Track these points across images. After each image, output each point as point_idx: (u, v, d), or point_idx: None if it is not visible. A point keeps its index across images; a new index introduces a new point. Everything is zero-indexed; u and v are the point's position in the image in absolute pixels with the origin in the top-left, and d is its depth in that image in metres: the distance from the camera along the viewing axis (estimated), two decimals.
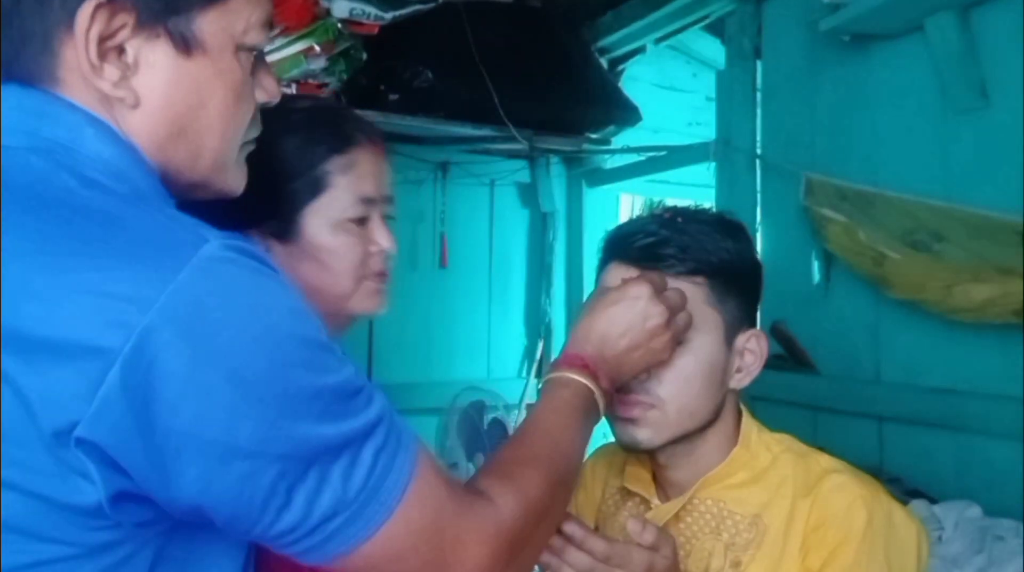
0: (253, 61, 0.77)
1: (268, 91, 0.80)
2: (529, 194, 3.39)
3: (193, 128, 0.73)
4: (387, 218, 1.05)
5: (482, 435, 2.55)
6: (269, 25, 0.78)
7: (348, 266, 0.99)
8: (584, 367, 0.89)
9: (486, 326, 3.24)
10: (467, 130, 2.80)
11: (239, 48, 0.74)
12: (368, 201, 1.00)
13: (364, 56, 2.55)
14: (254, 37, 0.75)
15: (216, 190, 0.79)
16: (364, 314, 1.04)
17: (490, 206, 3.30)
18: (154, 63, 0.70)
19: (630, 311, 0.90)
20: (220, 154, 0.76)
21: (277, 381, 0.63)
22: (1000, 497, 1.70)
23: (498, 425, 2.56)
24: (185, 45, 0.71)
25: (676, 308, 0.92)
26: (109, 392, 0.57)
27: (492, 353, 3.24)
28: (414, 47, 2.63)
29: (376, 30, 2.49)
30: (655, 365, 0.94)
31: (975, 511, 1.67)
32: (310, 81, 2.42)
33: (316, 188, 0.98)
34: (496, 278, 3.29)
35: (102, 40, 0.67)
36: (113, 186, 0.66)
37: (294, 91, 2.39)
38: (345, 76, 2.50)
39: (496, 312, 3.27)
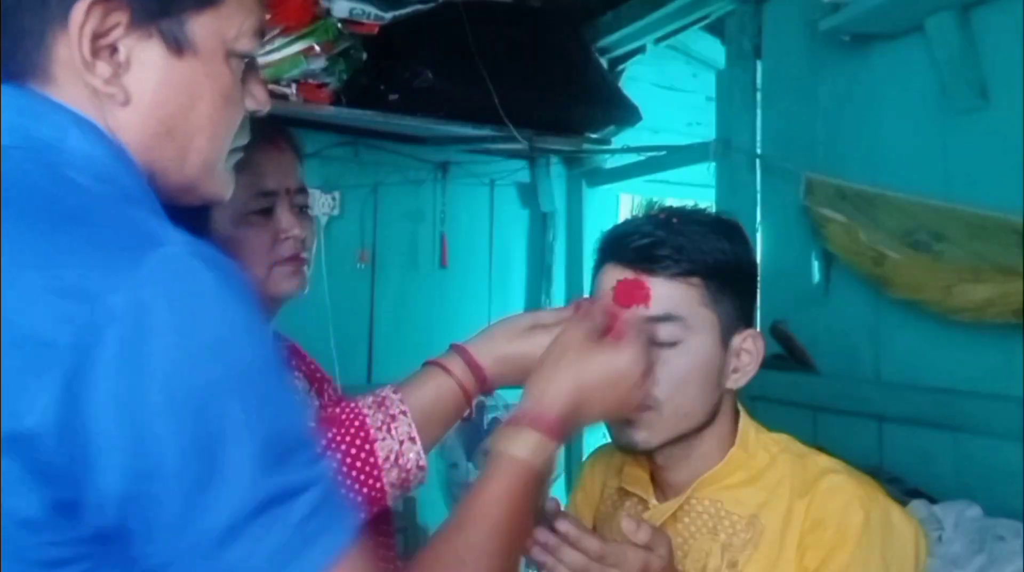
0: (244, 69, 0.77)
1: (258, 100, 0.81)
2: (529, 194, 3.39)
3: (181, 128, 0.73)
4: (300, 207, 1.14)
5: (482, 435, 2.55)
6: (261, 34, 0.79)
7: (256, 254, 1.08)
8: (551, 431, 0.85)
9: (486, 326, 3.23)
10: (467, 130, 2.80)
11: (230, 53, 0.75)
12: (268, 194, 1.08)
13: (364, 56, 2.55)
14: (245, 44, 0.76)
15: (203, 195, 0.79)
16: (284, 296, 1.12)
17: (490, 206, 3.29)
18: (146, 62, 0.71)
19: (626, 378, 0.88)
20: (207, 157, 0.76)
21: (215, 396, 0.58)
22: (1000, 497, 1.70)
23: (498, 425, 2.56)
24: (177, 46, 0.71)
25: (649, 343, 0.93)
26: (49, 387, 0.56)
27: None
28: (414, 47, 2.63)
29: (376, 30, 2.49)
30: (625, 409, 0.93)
31: (975, 511, 1.67)
32: (310, 81, 2.42)
33: None
34: (496, 278, 3.28)
35: (96, 37, 0.68)
36: (91, 185, 0.66)
37: (294, 91, 2.39)
38: (345, 76, 2.49)
39: (496, 312, 3.26)
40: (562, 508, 0.86)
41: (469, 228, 3.24)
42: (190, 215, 1.07)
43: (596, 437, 1.01)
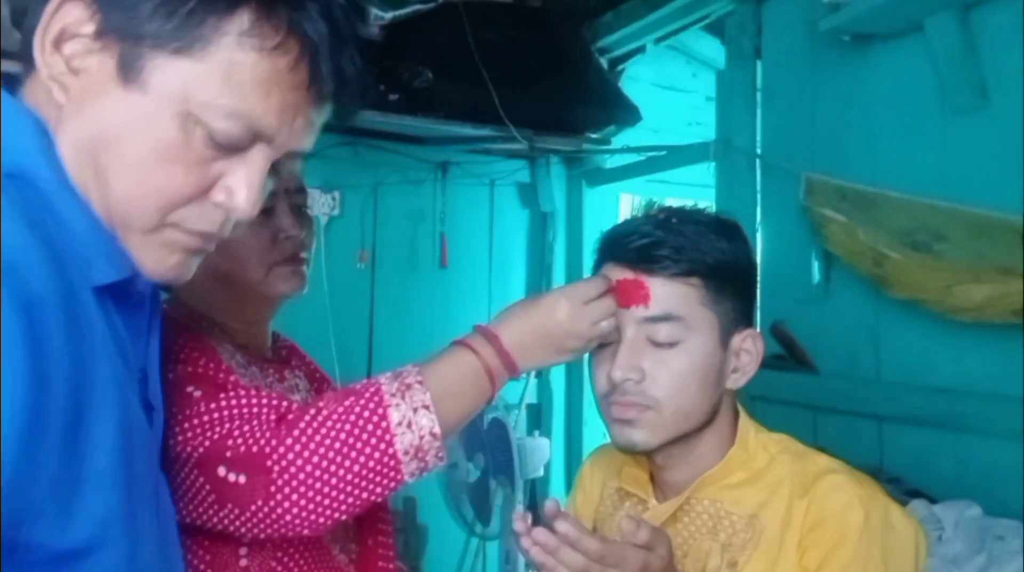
0: (224, 151, 0.70)
1: (232, 197, 0.72)
2: (529, 194, 3.39)
3: (102, 160, 0.68)
4: (299, 207, 1.13)
5: (482, 435, 2.55)
6: (256, 133, 0.70)
7: (255, 254, 1.07)
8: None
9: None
10: (467, 130, 2.80)
11: (188, 116, 0.68)
12: (269, 194, 1.04)
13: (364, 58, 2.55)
14: (217, 121, 0.68)
15: (136, 257, 0.72)
16: (282, 296, 1.12)
17: (490, 206, 3.29)
18: (94, 74, 0.68)
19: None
20: (128, 207, 0.69)
21: None
22: (1000, 497, 1.69)
23: (498, 425, 2.56)
24: (126, 74, 0.67)
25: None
26: None
27: None
28: (414, 47, 2.63)
29: (376, 30, 2.49)
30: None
31: (975, 511, 1.67)
32: None
33: None
34: (496, 278, 3.28)
35: (63, 33, 0.67)
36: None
37: None
38: None
39: (496, 312, 3.26)
40: (562, 509, 0.86)
41: (469, 228, 3.24)
42: None
43: (596, 438, 1.01)
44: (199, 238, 0.74)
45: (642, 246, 0.97)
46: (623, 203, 3.51)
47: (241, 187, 0.72)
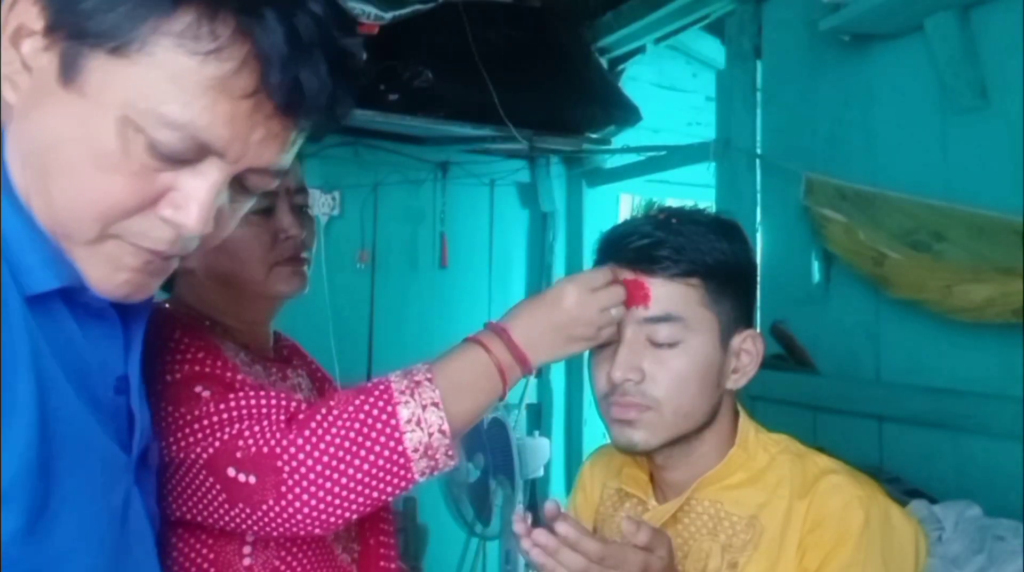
0: (170, 162, 0.66)
1: (177, 211, 0.67)
2: (529, 194, 3.39)
3: (42, 165, 0.66)
4: (300, 207, 1.12)
5: (482, 435, 2.55)
6: (201, 146, 0.66)
7: (255, 254, 1.07)
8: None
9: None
10: (467, 130, 2.80)
11: (127, 122, 0.64)
12: (269, 194, 1.04)
13: (364, 56, 2.55)
14: (156, 130, 0.64)
15: (80, 266, 0.69)
16: (283, 296, 1.12)
17: (490, 206, 3.29)
18: (39, 74, 0.65)
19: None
20: (67, 218, 0.66)
21: None
22: (1000, 497, 1.69)
23: (498, 425, 2.56)
24: (66, 74, 0.64)
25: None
26: None
27: None
28: (414, 47, 2.63)
29: (376, 30, 2.49)
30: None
31: (975, 511, 1.67)
32: None
33: None
34: (496, 278, 3.28)
35: (21, 28, 0.65)
36: None
37: None
38: None
39: (496, 312, 3.25)
40: (562, 510, 0.86)
41: (469, 228, 3.24)
42: None
43: (596, 438, 1.01)
44: (148, 254, 0.69)
45: (642, 246, 0.97)
46: (623, 203, 3.51)
47: (189, 202, 0.67)
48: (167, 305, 1.10)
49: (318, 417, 0.90)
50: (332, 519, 0.89)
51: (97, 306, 0.74)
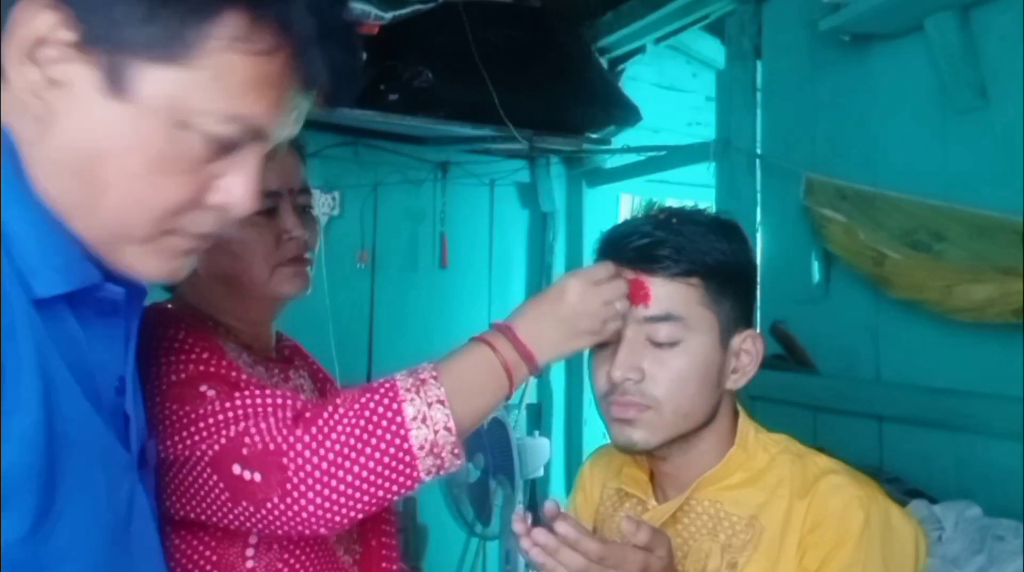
0: (225, 157, 0.70)
1: (230, 195, 0.72)
2: (529, 194, 3.39)
3: (90, 173, 0.67)
4: (303, 208, 1.13)
5: (482, 435, 2.55)
6: (252, 130, 0.70)
7: (259, 255, 1.07)
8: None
9: (486, 326, 3.18)
10: (467, 130, 2.80)
11: (184, 124, 0.67)
12: (271, 194, 1.06)
13: (364, 56, 2.55)
14: (213, 126, 0.67)
15: (122, 264, 0.71)
16: (286, 297, 1.12)
17: (490, 206, 3.30)
18: (76, 87, 0.65)
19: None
20: (123, 218, 0.68)
21: None
22: (1000, 497, 1.69)
23: (498, 425, 2.56)
24: (116, 86, 0.65)
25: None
26: None
27: None
28: (414, 47, 2.63)
29: (376, 30, 2.49)
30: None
31: (975, 511, 1.67)
32: None
33: None
34: (496, 278, 3.29)
35: (39, 42, 0.64)
36: None
37: None
38: None
39: (496, 312, 3.26)
40: (561, 509, 0.86)
41: (469, 228, 3.24)
42: None
43: (596, 438, 1.01)
44: (198, 239, 0.74)
45: (642, 246, 0.97)
46: (623, 203, 3.51)
47: (239, 186, 0.72)
48: (169, 305, 1.10)
49: (324, 415, 0.90)
50: (337, 518, 0.89)
51: (109, 306, 0.75)
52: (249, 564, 0.99)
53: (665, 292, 0.97)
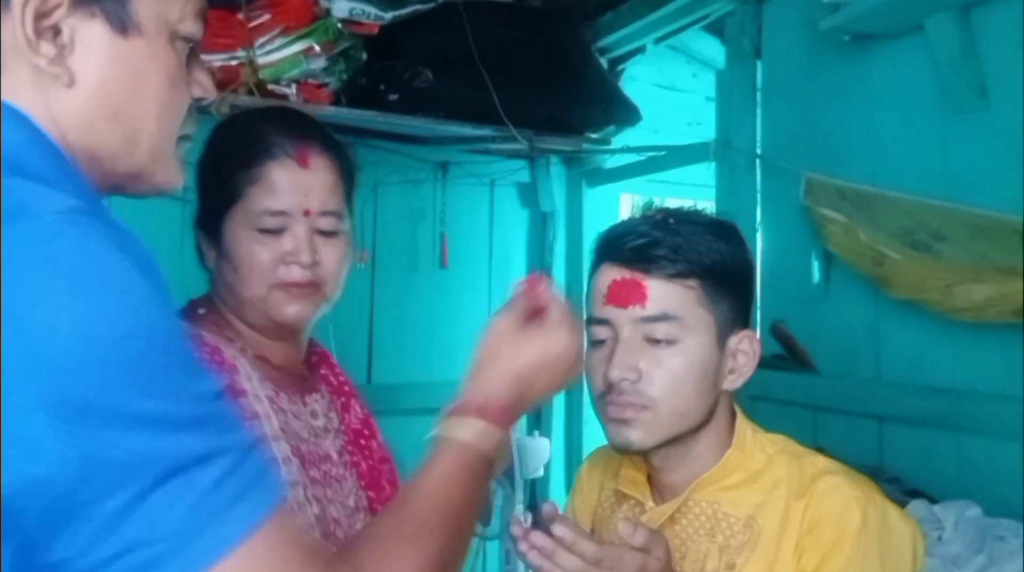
0: (188, 54, 0.77)
1: (203, 87, 0.80)
2: (529, 194, 3.38)
3: (128, 110, 0.73)
4: (324, 232, 1.06)
5: None
6: (204, 17, 0.78)
7: (255, 273, 1.03)
8: (497, 419, 0.82)
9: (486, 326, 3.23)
10: (467, 130, 2.79)
11: (173, 35, 0.74)
12: (277, 214, 1.03)
13: (364, 56, 2.55)
14: (188, 27, 0.75)
15: (154, 183, 0.77)
16: (283, 321, 1.06)
17: (490, 206, 3.29)
18: (89, 42, 0.70)
19: (563, 358, 0.87)
20: (156, 142, 0.75)
21: (85, 369, 0.55)
22: (1000, 497, 1.69)
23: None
24: (121, 26, 0.71)
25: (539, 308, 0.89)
26: None
27: None
28: (414, 47, 2.62)
29: (376, 30, 2.49)
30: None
31: (975, 511, 1.67)
32: (310, 81, 2.42)
33: (231, 197, 1.04)
34: (496, 278, 3.28)
35: (38, 17, 0.67)
36: None
37: (294, 91, 2.38)
38: (345, 76, 2.49)
39: (496, 311, 3.26)
40: (559, 512, 0.86)
41: (469, 228, 3.23)
42: (206, 218, 1.06)
43: (596, 438, 1.02)
44: (189, 140, 0.81)
45: (639, 246, 0.97)
46: (623, 203, 3.50)
47: (205, 76, 0.80)
48: (200, 309, 1.08)
49: None
50: None
51: None
52: None
53: (662, 292, 0.97)
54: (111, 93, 0.71)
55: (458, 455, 0.79)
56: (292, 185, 1.04)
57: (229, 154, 1.06)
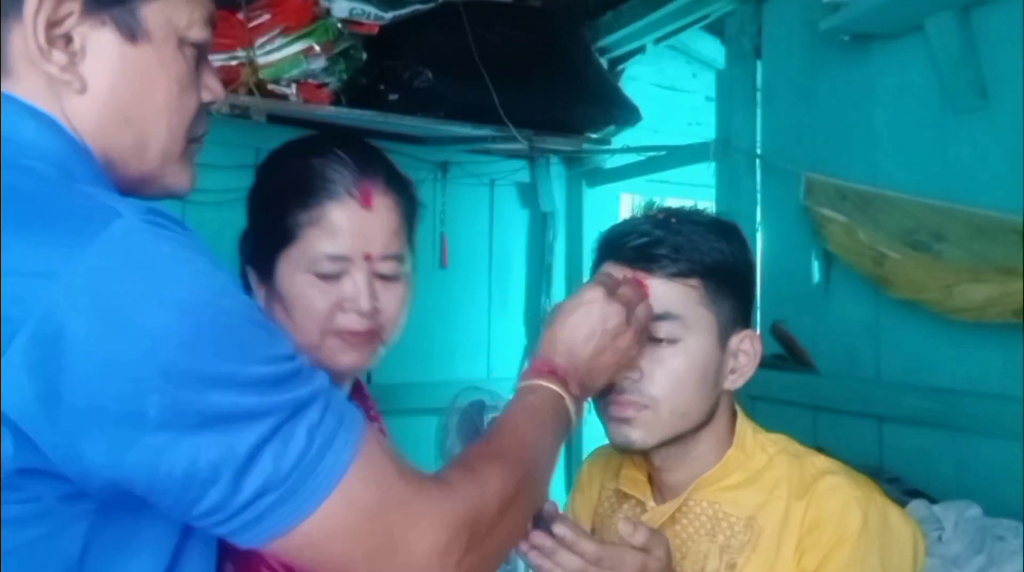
0: (197, 59, 0.79)
1: (213, 91, 0.83)
2: (529, 194, 3.38)
3: (138, 115, 0.75)
4: (385, 277, 1.03)
5: (483, 434, 2.54)
6: (212, 23, 0.80)
7: (309, 319, 0.97)
8: (552, 373, 0.90)
9: (486, 326, 3.23)
10: (467, 130, 2.79)
11: (182, 41, 0.76)
12: (339, 259, 0.96)
13: (364, 56, 2.55)
14: (197, 33, 0.77)
15: (164, 186, 0.80)
16: (337, 369, 0.98)
17: (490, 206, 3.29)
18: (100, 50, 0.72)
19: (588, 316, 0.92)
20: (166, 146, 0.77)
21: (189, 351, 0.62)
22: (1000, 497, 1.69)
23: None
24: (130, 33, 0.73)
25: (632, 303, 0.93)
26: (11, 366, 0.58)
27: (492, 353, 3.23)
28: (414, 47, 2.62)
29: (376, 30, 2.49)
30: (627, 364, 0.95)
31: (975, 511, 1.66)
32: (310, 81, 2.42)
33: (286, 237, 0.97)
34: (496, 278, 3.28)
35: (50, 26, 0.70)
36: (46, 170, 0.67)
37: (294, 91, 2.38)
38: (345, 76, 2.49)
39: (496, 312, 3.26)
40: (559, 511, 0.86)
41: (469, 228, 3.23)
42: (257, 256, 1.01)
43: (596, 438, 1.02)
44: (201, 142, 0.83)
45: (641, 245, 0.98)
46: (623, 203, 3.50)
47: (215, 81, 0.83)
48: None
49: None
50: None
51: None
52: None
53: (663, 291, 0.97)
54: (121, 99, 0.74)
55: (533, 395, 0.90)
56: (353, 228, 0.97)
57: (285, 190, 0.97)
